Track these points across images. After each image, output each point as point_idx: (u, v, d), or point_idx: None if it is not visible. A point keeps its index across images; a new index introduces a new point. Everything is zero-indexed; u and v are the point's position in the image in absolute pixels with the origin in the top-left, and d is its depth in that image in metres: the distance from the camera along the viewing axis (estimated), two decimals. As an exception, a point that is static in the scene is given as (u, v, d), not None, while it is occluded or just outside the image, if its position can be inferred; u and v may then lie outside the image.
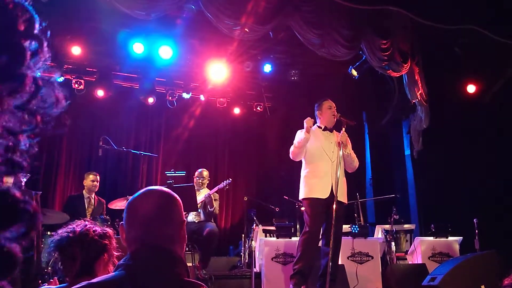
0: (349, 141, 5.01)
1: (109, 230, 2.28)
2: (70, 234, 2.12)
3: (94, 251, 2.14)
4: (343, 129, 4.80)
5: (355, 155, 4.99)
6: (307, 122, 4.72)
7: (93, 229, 2.19)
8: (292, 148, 4.84)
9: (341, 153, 4.73)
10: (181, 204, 1.60)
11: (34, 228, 0.74)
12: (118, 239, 2.36)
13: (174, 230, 1.54)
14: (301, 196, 4.86)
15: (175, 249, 1.53)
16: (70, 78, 7.86)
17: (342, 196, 4.75)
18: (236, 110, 9.30)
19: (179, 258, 1.51)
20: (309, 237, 4.66)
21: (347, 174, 5.04)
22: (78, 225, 2.20)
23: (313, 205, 4.70)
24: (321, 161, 4.78)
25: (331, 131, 4.93)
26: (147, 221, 1.51)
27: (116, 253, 2.24)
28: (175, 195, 1.61)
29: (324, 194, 4.67)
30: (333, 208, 4.54)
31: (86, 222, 2.24)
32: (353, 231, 5.67)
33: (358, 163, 5.05)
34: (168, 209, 1.54)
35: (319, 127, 4.97)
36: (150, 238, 1.49)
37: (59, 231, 2.19)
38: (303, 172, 4.92)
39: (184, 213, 5.35)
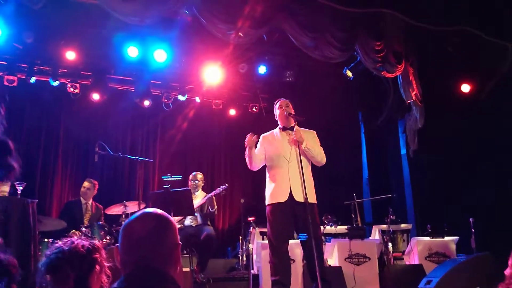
0: (314, 135, 4.85)
1: (97, 242, 2.27)
2: (59, 255, 2.11)
3: (86, 266, 2.14)
4: (295, 126, 4.65)
5: (319, 149, 4.74)
6: (248, 141, 4.61)
7: (81, 244, 2.17)
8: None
9: (303, 149, 4.54)
10: (176, 226, 1.62)
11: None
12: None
13: (168, 252, 1.55)
14: (266, 202, 4.70)
15: (168, 271, 1.54)
16: (65, 82, 7.84)
17: (307, 195, 4.40)
18: (232, 112, 9.30)
19: (172, 280, 1.52)
20: (273, 245, 4.52)
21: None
22: (65, 243, 2.18)
23: (274, 211, 4.53)
24: (279, 163, 4.63)
25: (291, 129, 4.70)
26: (141, 244, 1.52)
27: (107, 264, 2.24)
28: (170, 217, 1.62)
29: (283, 197, 4.49)
30: (295, 211, 4.42)
31: (73, 238, 2.24)
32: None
33: (323, 157, 4.75)
34: (162, 232, 1.56)
35: (280, 128, 4.84)
36: (145, 261, 1.51)
37: (47, 252, 2.18)
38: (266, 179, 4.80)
39: (181, 217, 5.32)
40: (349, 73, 7.42)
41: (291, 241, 5.25)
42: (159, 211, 1.63)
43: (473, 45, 6.91)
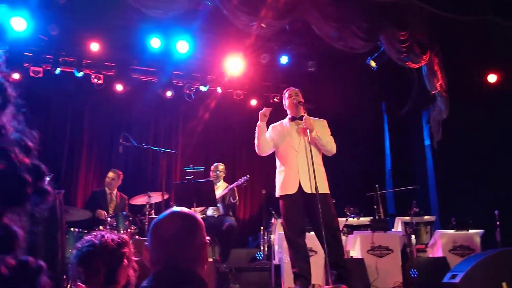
0: (324, 124, 4.73)
1: (125, 237, 2.30)
2: (91, 248, 2.15)
3: (116, 260, 2.17)
4: (305, 114, 4.52)
5: (329, 138, 4.62)
6: (262, 112, 4.59)
7: (111, 238, 2.21)
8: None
9: (313, 137, 4.43)
10: (203, 225, 1.64)
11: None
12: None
13: (196, 251, 1.57)
14: (276, 194, 4.65)
15: (196, 270, 1.56)
16: (89, 73, 7.93)
17: (318, 186, 4.26)
18: (253, 102, 9.28)
19: (200, 279, 1.54)
20: (289, 237, 4.48)
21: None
22: (95, 237, 2.21)
23: (285, 204, 4.48)
24: (287, 154, 4.54)
25: (301, 119, 4.58)
26: (170, 243, 1.54)
27: (134, 258, 2.28)
28: (197, 216, 1.64)
29: (293, 189, 4.41)
30: (304, 202, 4.34)
31: (102, 232, 2.28)
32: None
33: (333, 146, 4.62)
34: (191, 232, 1.58)
35: (289, 118, 4.74)
36: (173, 260, 1.53)
37: (78, 245, 2.22)
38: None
39: (203, 207, 5.37)
40: (373, 63, 7.33)
41: (312, 232, 5.21)
42: (186, 210, 1.65)
43: (498, 34, 6.75)
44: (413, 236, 6.49)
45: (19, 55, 7.23)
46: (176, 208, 1.65)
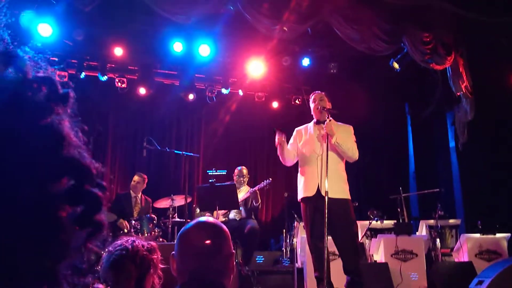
0: (349, 130, 4.64)
1: (154, 243, 2.32)
2: (123, 252, 2.17)
3: (145, 266, 2.20)
4: (328, 119, 4.45)
5: (351, 144, 4.52)
6: (277, 140, 4.56)
7: (141, 244, 2.24)
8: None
9: (333, 143, 4.37)
10: (230, 236, 1.64)
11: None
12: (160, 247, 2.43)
13: (223, 262, 1.58)
14: (298, 198, 4.62)
15: (223, 281, 1.57)
16: (113, 77, 8.04)
17: (334, 191, 4.24)
18: (275, 104, 9.28)
19: (227, 290, 1.55)
20: (310, 242, 4.45)
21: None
22: (126, 241, 2.24)
23: (305, 207, 4.47)
24: (309, 157, 4.52)
25: (324, 123, 4.51)
26: (198, 254, 1.55)
27: (161, 265, 2.29)
28: (225, 227, 1.65)
29: (311, 192, 4.38)
30: (323, 206, 4.19)
31: (133, 238, 2.29)
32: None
33: (355, 152, 4.53)
34: (218, 243, 1.58)
35: (314, 122, 4.69)
36: (201, 271, 1.53)
37: (110, 248, 2.24)
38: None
39: (225, 211, 5.37)
40: (396, 65, 7.24)
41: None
42: (212, 219, 1.66)
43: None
44: (438, 240, 6.40)
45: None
46: (202, 218, 1.66)
